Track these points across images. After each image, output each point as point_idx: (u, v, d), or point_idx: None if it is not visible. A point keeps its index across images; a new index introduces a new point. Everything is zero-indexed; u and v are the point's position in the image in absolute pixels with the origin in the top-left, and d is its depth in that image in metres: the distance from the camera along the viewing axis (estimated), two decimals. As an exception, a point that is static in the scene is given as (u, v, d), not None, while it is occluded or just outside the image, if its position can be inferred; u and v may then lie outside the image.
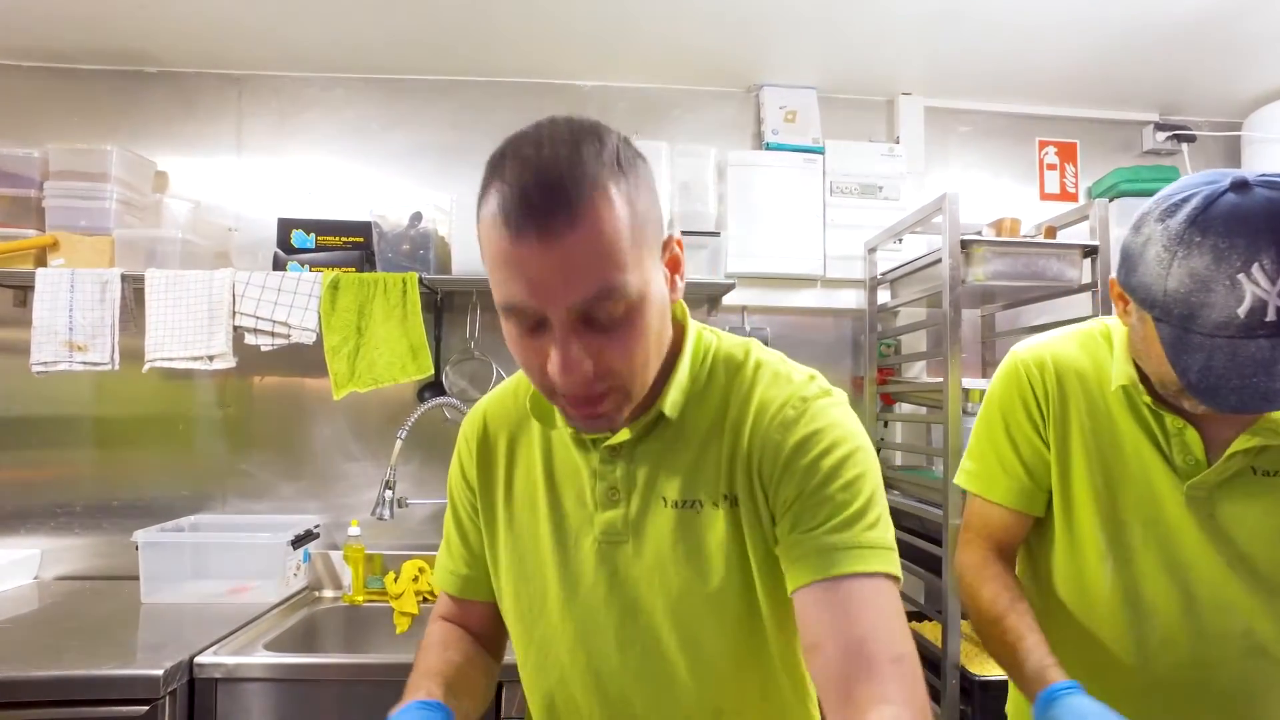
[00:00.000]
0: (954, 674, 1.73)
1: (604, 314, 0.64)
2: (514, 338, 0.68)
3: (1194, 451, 0.94)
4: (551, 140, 0.64)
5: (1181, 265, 0.81)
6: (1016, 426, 1.06)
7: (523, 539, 0.85)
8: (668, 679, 0.78)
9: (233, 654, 1.58)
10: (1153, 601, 0.96)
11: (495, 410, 0.91)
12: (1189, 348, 0.81)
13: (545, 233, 0.61)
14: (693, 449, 0.78)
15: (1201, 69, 2.26)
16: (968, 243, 1.78)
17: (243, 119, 2.29)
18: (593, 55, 2.24)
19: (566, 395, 0.68)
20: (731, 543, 0.76)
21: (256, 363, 2.17)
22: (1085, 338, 1.06)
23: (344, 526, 2.14)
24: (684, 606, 0.77)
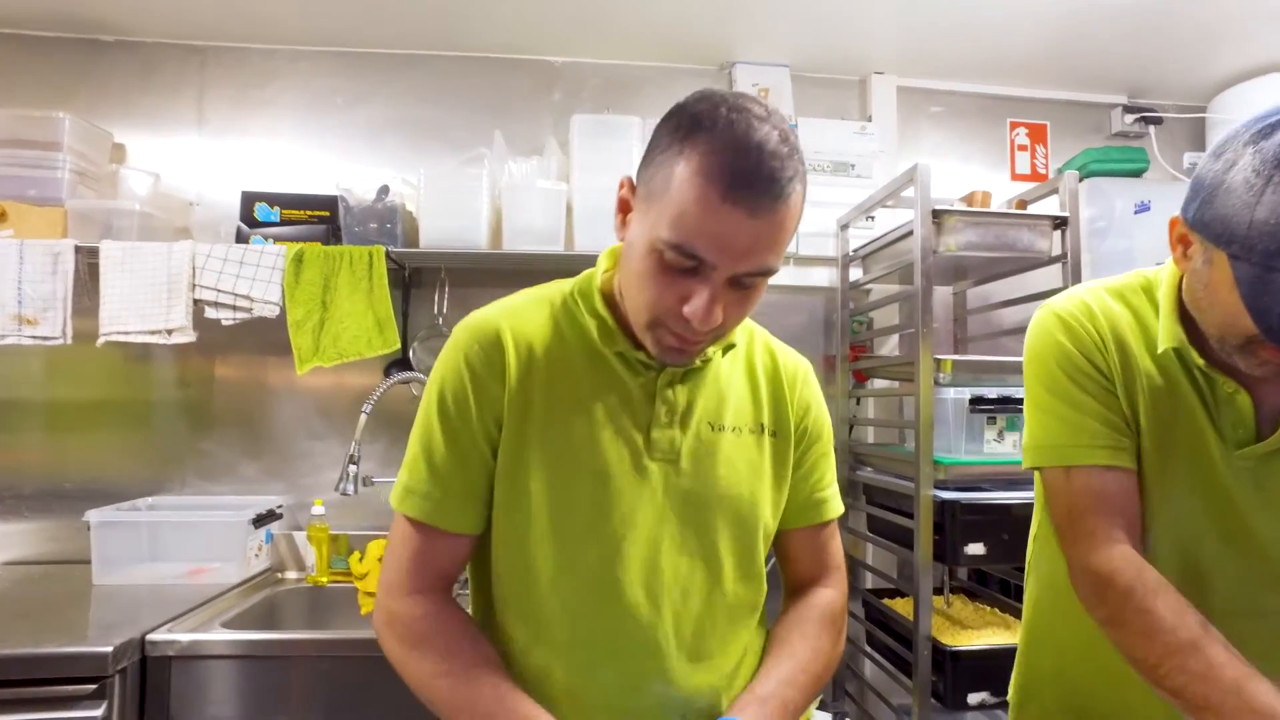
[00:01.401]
0: (925, 646, 1.72)
1: (750, 282, 0.76)
2: (654, 270, 0.75)
3: (1244, 419, 0.88)
4: (769, 119, 0.72)
5: (1276, 191, 0.72)
6: (1084, 374, 0.92)
7: (563, 457, 0.83)
8: (719, 585, 0.87)
9: (188, 632, 1.53)
10: (1193, 571, 0.90)
11: (519, 328, 0.87)
12: (1271, 289, 0.73)
13: (756, 208, 0.70)
14: (732, 384, 0.92)
15: (1167, 53, 2.29)
16: (940, 213, 1.78)
17: (205, 91, 2.23)
18: (565, 31, 2.21)
19: (684, 333, 0.77)
20: (769, 464, 0.92)
21: (218, 340, 2.12)
22: (1122, 291, 0.97)
23: (308, 507, 2.09)
24: (738, 517, 0.88)
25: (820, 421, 0.98)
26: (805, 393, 0.97)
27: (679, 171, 0.71)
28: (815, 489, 0.97)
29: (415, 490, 0.83)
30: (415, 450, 0.85)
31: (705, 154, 0.70)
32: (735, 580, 0.88)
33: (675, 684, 0.84)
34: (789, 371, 0.97)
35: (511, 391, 0.83)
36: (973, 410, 1.83)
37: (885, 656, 1.98)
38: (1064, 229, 1.87)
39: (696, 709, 0.85)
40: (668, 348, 0.80)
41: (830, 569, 0.99)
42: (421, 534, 0.83)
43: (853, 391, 2.27)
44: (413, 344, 2.18)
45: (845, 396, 2.27)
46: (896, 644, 1.88)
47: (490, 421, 0.84)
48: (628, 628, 0.82)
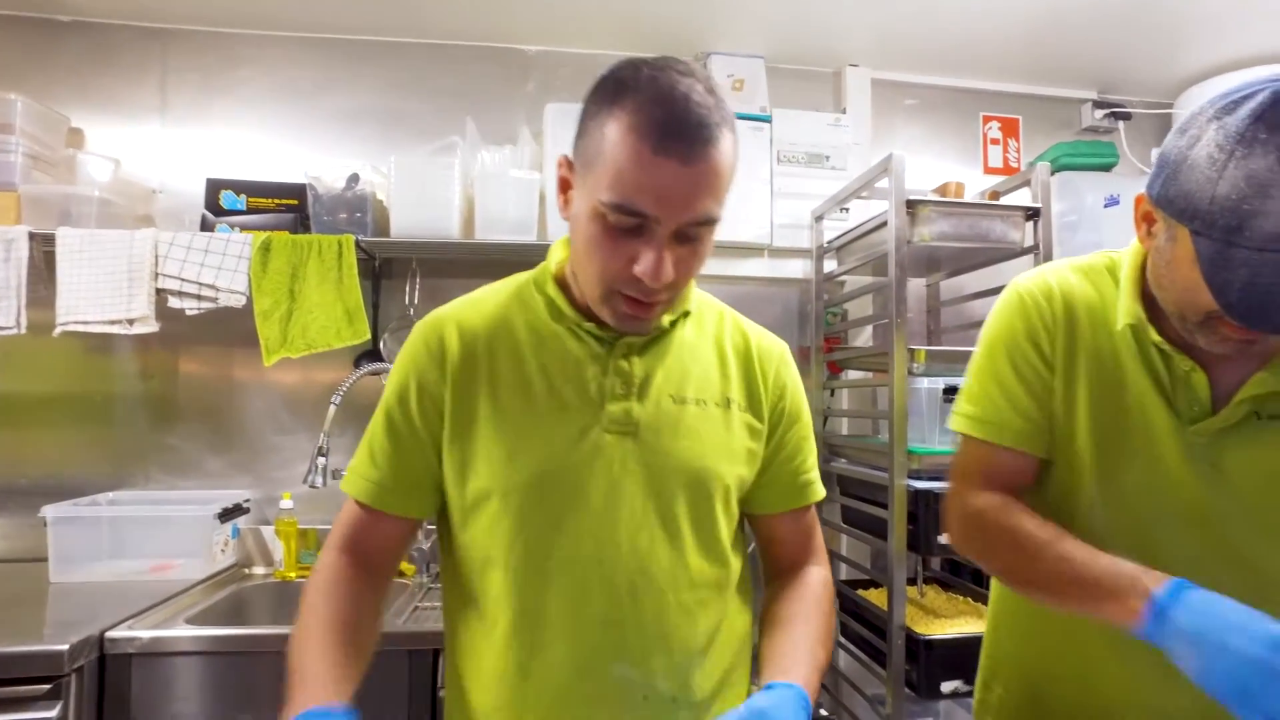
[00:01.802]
0: (899, 635, 1.73)
1: (695, 234, 0.76)
2: (598, 235, 0.76)
3: (1199, 396, 0.89)
4: (693, 74, 0.75)
5: (1239, 167, 0.73)
6: (1022, 357, 0.96)
7: (513, 434, 0.84)
8: (681, 561, 0.85)
9: (150, 628, 1.49)
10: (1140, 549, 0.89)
11: (467, 317, 0.90)
12: (1231, 264, 0.73)
13: (688, 155, 0.71)
14: (697, 357, 0.91)
15: (1136, 49, 2.32)
16: (913, 203, 1.79)
17: (167, 76, 2.18)
18: (538, 19, 2.19)
19: (636, 295, 0.78)
20: (738, 439, 0.90)
21: (182, 331, 2.06)
22: (1088, 269, 0.99)
23: (276, 501, 2.05)
24: (700, 491, 0.86)
25: (798, 404, 0.97)
26: (783, 373, 0.96)
27: (610, 133, 0.73)
28: (798, 472, 0.96)
29: (356, 471, 0.90)
30: (365, 438, 0.91)
31: (633, 111, 0.72)
32: (698, 556, 0.86)
33: (635, 664, 0.82)
34: (763, 351, 0.95)
35: (453, 380, 0.86)
36: (946, 400, 1.84)
37: (859, 647, 1.99)
38: (1036, 220, 1.88)
39: (659, 691, 0.83)
40: (625, 315, 0.80)
41: (815, 552, 0.99)
42: (360, 510, 0.89)
43: (827, 383, 2.27)
44: (383, 335, 2.14)
45: (819, 388, 2.27)
46: (871, 634, 1.89)
47: (432, 412, 0.87)
48: (580, 606, 0.82)
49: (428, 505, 0.90)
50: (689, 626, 0.85)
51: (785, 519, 0.97)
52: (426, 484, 0.88)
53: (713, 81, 0.76)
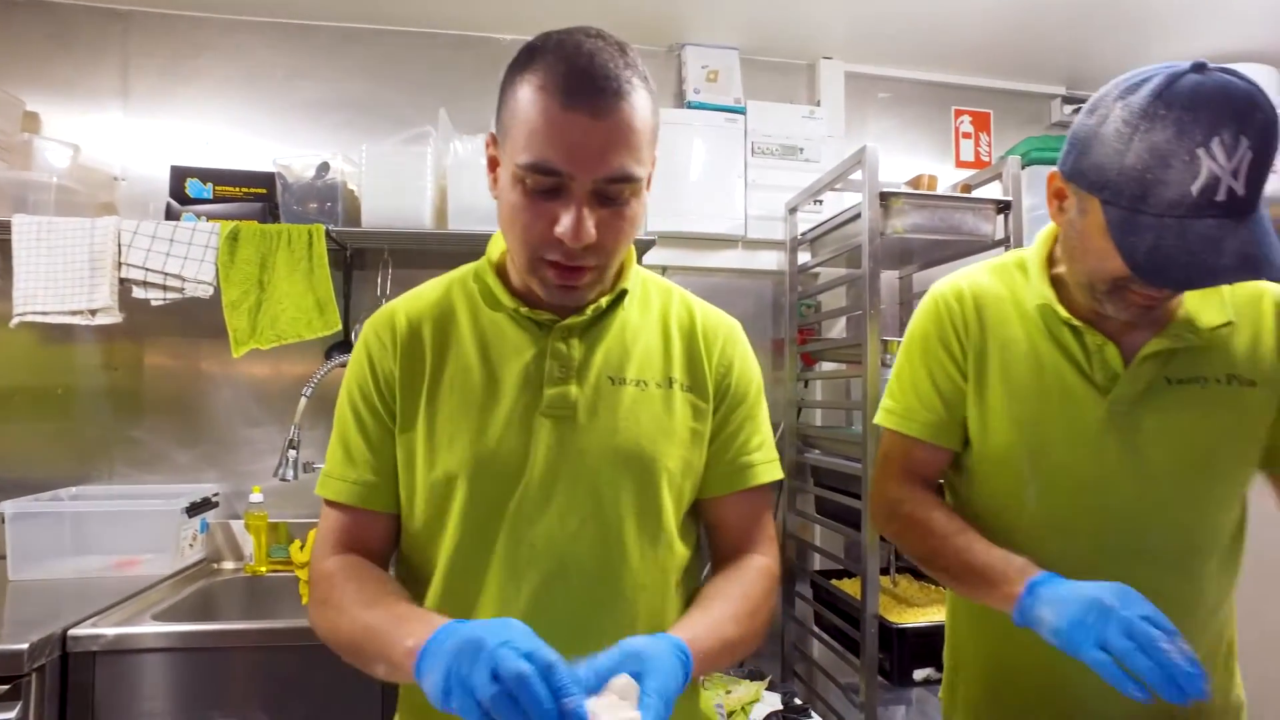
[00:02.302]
0: (873, 624, 1.75)
1: (614, 193, 0.75)
2: (519, 201, 0.76)
3: (1113, 366, 0.94)
4: (601, 35, 0.75)
5: (1143, 139, 0.79)
6: (934, 359, 1.04)
7: (453, 421, 0.84)
8: (618, 547, 0.84)
9: (115, 625, 1.46)
10: (1075, 523, 0.96)
11: (413, 308, 0.90)
12: (1138, 229, 0.80)
13: (598, 107, 0.71)
14: (639, 337, 0.90)
15: (1103, 45, 2.36)
16: (887, 195, 1.80)
17: (129, 59, 2.12)
18: (512, 8, 2.16)
19: (559, 260, 0.77)
20: (681, 420, 0.88)
21: (147, 321, 2.02)
22: (998, 268, 1.06)
23: (245, 495, 2.02)
24: (640, 474, 0.85)
25: (746, 381, 0.94)
26: (729, 350, 0.93)
27: (521, 96, 0.74)
28: (741, 452, 0.92)
29: (332, 474, 0.88)
30: (333, 440, 0.90)
31: (541, 71, 0.73)
32: (640, 541, 0.85)
33: (570, 651, 0.79)
34: (709, 328, 0.94)
35: (402, 370, 0.86)
36: (918, 391, 1.85)
37: (833, 636, 2.01)
38: (1007, 213, 1.90)
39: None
40: (553, 284, 0.80)
41: (762, 540, 0.94)
42: (341, 513, 0.87)
43: (801, 374, 2.28)
44: (355, 326, 2.11)
45: (793, 379, 2.28)
46: (844, 624, 1.91)
47: (392, 401, 0.87)
48: (512, 591, 0.81)
49: None
50: (628, 616, 0.84)
51: (728, 502, 0.93)
52: None
53: (627, 45, 0.77)
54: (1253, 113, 0.78)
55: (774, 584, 0.91)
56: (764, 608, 0.87)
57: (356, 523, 0.87)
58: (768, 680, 1.92)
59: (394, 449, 0.86)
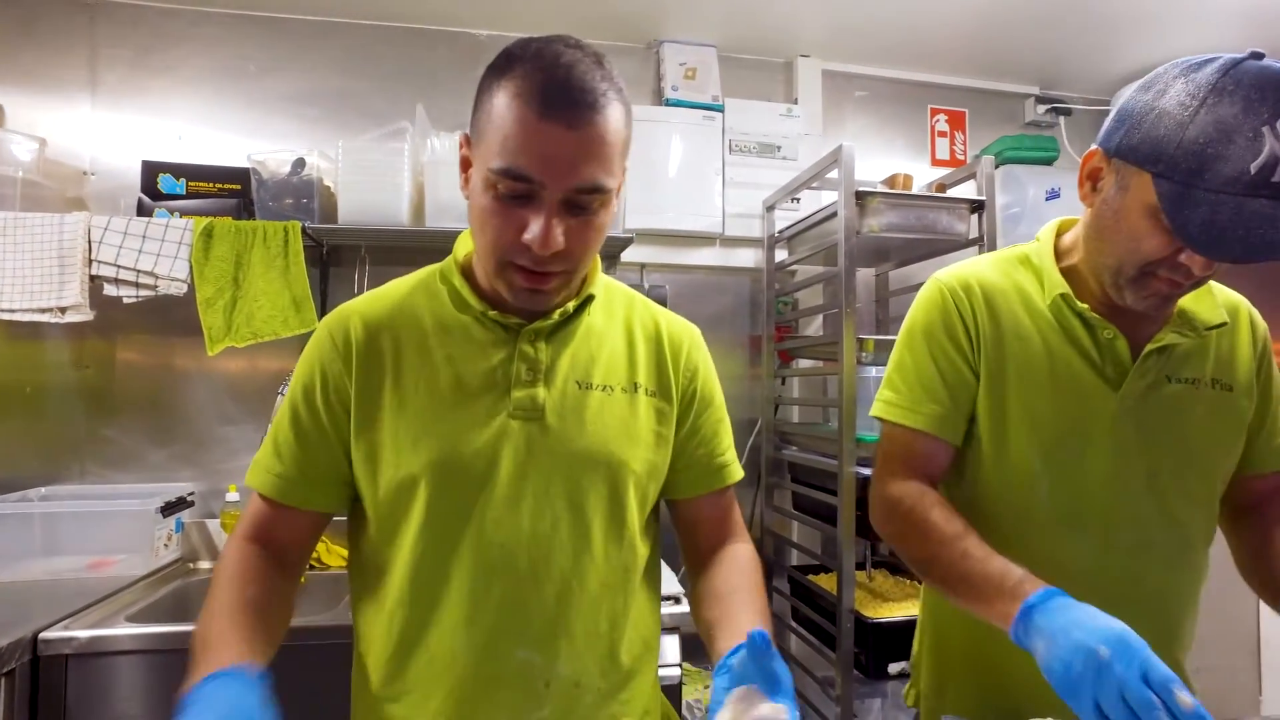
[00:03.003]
0: (849, 619, 1.77)
1: (584, 203, 0.77)
2: (491, 205, 0.77)
3: (1124, 360, 0.95)
4: (580, 46, 0.76)
5: (1210, 112, 0.78)
6: (941, 351, 1.00)
7: (418, 423, 0.84)
8: (585, 546, 0.86)
9: (88, 628, 1.44)
10: (1086, 519, 0.96)
11: (371, 310, 0.89)
12: (1191, 203, 0.79)
13: (574, 118, 0.73)
14: (604, 342, 0.91)
15: (1075, 46, 2.39)
16: (863, 194, 1.82)
17: (97, 51, 2.08)
18: (490, 3, 2.16)
19: (527, 265, 0.78)
20: (645, 424, 0.91)
21: (119, 319, 2.00)
22: (1002, 262, 1.05)
23: (222, 494, 2.00)
24: (607, 476, 0.87)
25: (711, 386, 0.98)
26: (694, 356, 0.96)
27: (498, 102, 0.75)
28: (714, 454, 0.97)
29: (260, 464, 0.88)
30: (269, 431, 0.90)
31: (519, 79, 0.74)
32: (605, 541, 0.87)
33: (538, 650, 0.83)
34: (674, 335, 0.96)
35: (358, 373, 0.86)
36: (893, 389, 1.88)
37: (810, 630, 2.03)
38: (980, 212, 1.93)
39: (562, 676, 0.84)
40: (520, 288, 0.81)
41: (736, 530, 1.00)
42: (264, 504, 0.88)
43: (778, 371, 2.30)
44: (331, 324, 2.09)
45: (771, 376, 2.30)
46: (820, 618, 1.93)
47: (338, 407, 0.86)
48: (482, 590, 0.82)
49: (334, 500, 0.89)
50: (593, 612, 0.86)
51: (704, 501, 0.98)
52: (332, 478, 0.87)
53: (604, 57, 0.78)
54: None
55: (760, 563, 0.97)
56: (764, 588, 0.93)
57: (276, 515, 0.87)
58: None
59: (329, 453, 0.86)
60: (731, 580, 0.92)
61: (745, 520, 1.04)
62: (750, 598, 0.88)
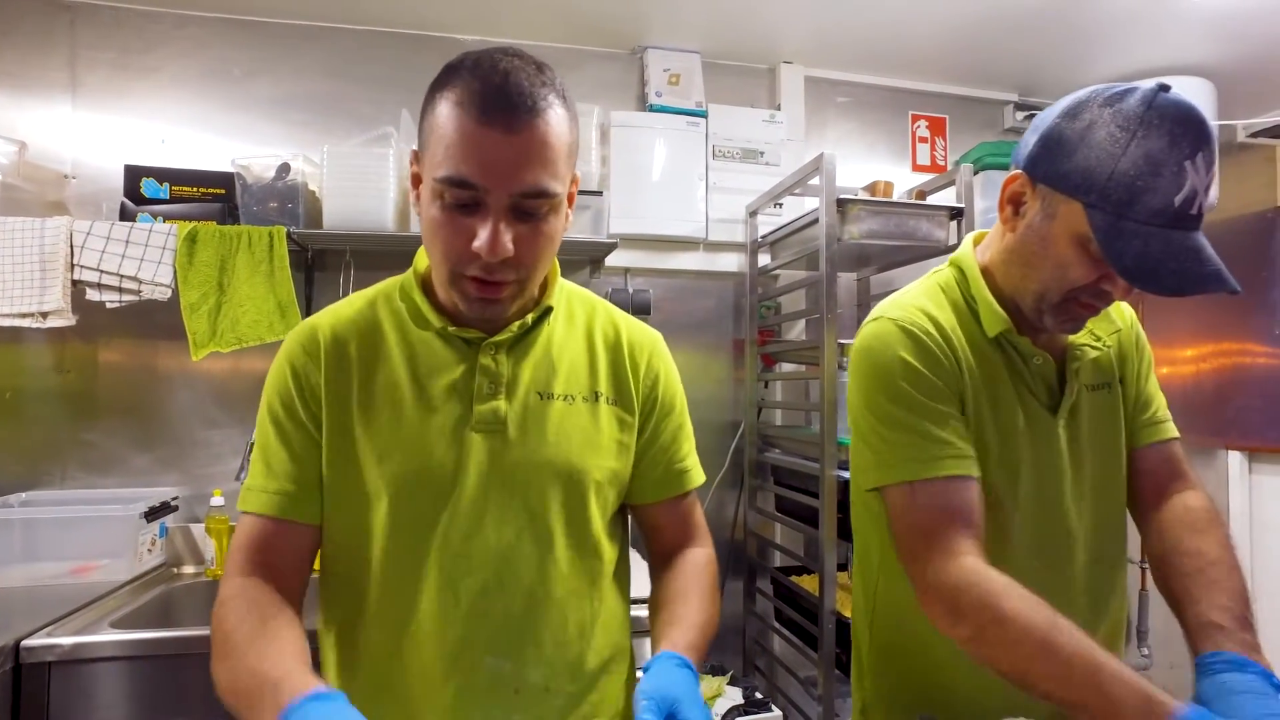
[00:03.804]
0: (830, 619, 1.80)
1: (532, 209, 0.77)
2: (439, 216, 0.77)
3: (1051, 381, 0.97)
4: (519, 55, 0.77)
5: (1139, 145, 0.80)
6: (924, 383, 0.91)
7: (384, 438, 0.85)
8: (549, 555, 0.86)
9: (71, 634, 1.44)
10: (1053, 545, 0.96)
11: (338, 323, 0.90)
12: (1123, 234, 0.81)
13: (513, 122, 0.73)
14: (565, 353, 0.92)
15: (1052, 54, 2.43)
16: (844, 201, 1.84)
17: (77, 53, 2.07)
18: (475, 9, 2.16)
19: (478, 274, 0.78)
20: (607, 433, 0.92)
21: (101, 324, 1.99)
22: (935, 293, 1.00)
23: (206, 498, 1.99)
24: (569, 486, 0.88)
25: (672, 392, 0.98)
26: (655, 363, 0.97)
27: (439, 113, 0.76)
28: (674, 460, 0.98)
29: (254, 487, 0.86)
30: (255, 455, 0.88)
31: (458, 88, 0.75)
32: (568, 550, 0.88)
33: (506, 657, 0.84)
34: (634, 341, 0.97)
35: (328, 381, 0.86)
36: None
37: (793, 631, 2.06)
38: (960, 219, 1.96)
39: (531, 683, 0.85)
40: (473, 298, 0.81)
41: (695, 534, 1.02)
42: (260, 523, 0.85)
43: (761, 375, 2.33)
44: (316, 328, 2.10)
45: (754, 380, 2.32)
46: (803, 619, 1.96)
47: (317, 411, 0.86)
48: (449, 601, 0.83)
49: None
50: (560, 619, 0.87)
51: (664, 507, 0.99)
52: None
53: (546, 65, 0.79)
54: (1213, 138, 0.82)
55: (716, 568, 0.99)
56: (715, 591, 0.95)
57: (275, 534, 0.85)
58: (729, 675, 1.96)
59: (318, 460, 0.86)
60: (675, 584, 0.94)
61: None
62: (688, 608, 0.89)
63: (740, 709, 1.82)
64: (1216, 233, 3.11)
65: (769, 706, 1.83)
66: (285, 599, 0.82)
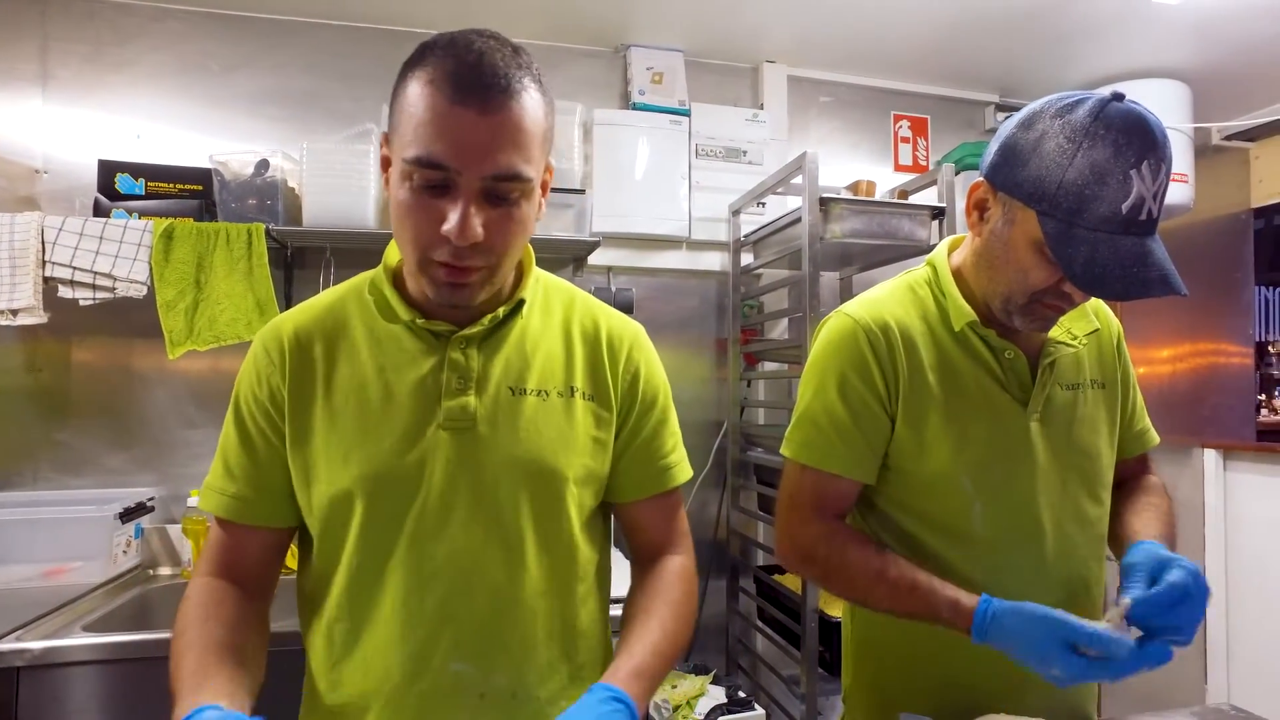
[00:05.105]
0: (813, 618, 1.80)
1: (503, 192, 0.75)
2: (407, 198, 0.75)
3: (1024, 377, 0.99)
4: (495, 36, 0.75)
5: (1085, 156, 0.83)
6: (856, 395, 0.98)
7: (349, 436, 0.83)
8: (518, 556, 0.84)
9: (41, 638, 1.41)
10: (1018, 535, 0.98)
11: (304, 321, 0.88)
12: (1073, 241, 0.84)
13: (486, 103, 0.71)
14: (540, 346, 0.89)
15: (1033, 55, 2.46)
16: (826, 201, 1.85)
17: (48, 45, 2.02)
18: (457, 6, 2.15)
19: (448, 259, 0.76)
20: (582, 429, 0.89)
21: (74, 321, 1.95)
22: (903, 292, 1.05)
23: (183, 499, 1.97)
24: (541, 485, 0.85)
25: (654, 386, 0.95)
26: (635, 356, 0.94)
27: (410, 92, 0.74)
28: (657, 456, 0.94)
29: (213, 487, 0.86)
30: (218, 451, 0.88)
31: (431, 68, 0.73)
32: (539, 550, 0.85)
33: (471, 662, 0.82)
34: (613, 335, 0.94)
35: (290, 384, 0.84)
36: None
37: (775, 630, 2.06)
38: (941, 219, 1.97)
39: (497, 688, 0.83)
40: (442, 284, 0.78)
41: (678, 537, 0.98)
42: (222, 528, 0.86)
43: (744, 374, 2.33)
44: (295, 326, 2.07)
45: (736, 379, 2.33)
46: (786, 618, 1.96)
47: (278, 417, 0.85)
48: (415, 603, 0.81)
49: (293, 513, 0.87)
50: (529, 623, 0.84)
51: (646, 505, 0.95)
52: (289, 491, 0.86)
53: (521, 48, 0.77)
54: (1165, 145, 0.84)
55: (694, 580, 0.95)
56: (687, 604, 0.92)
57: (233, 537, 0.85)
58: (712, 674, 1.96)
59: (281, 464, 0.84)
60: (643, 601, 0.90)
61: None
62: (646, 628, 0.85)
63: (723, 708, 1.82)
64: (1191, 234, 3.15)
65: (752, 705, 1.83)
66: (248, 599, 0.84)
